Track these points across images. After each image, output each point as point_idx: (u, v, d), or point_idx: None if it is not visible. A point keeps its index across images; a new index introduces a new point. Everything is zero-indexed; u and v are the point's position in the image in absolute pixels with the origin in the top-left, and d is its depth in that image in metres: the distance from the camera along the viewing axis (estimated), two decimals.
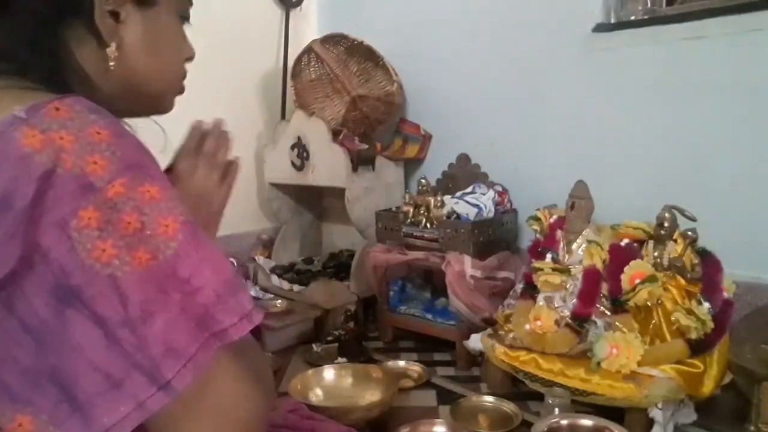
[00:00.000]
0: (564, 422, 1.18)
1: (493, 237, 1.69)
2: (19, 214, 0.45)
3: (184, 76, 0.71)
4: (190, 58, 0.72)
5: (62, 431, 0.47)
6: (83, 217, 0.46)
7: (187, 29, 0.71)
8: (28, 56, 0.55)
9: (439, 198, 1.72)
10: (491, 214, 1.70)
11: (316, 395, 1.39)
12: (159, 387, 0.47)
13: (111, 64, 0.59)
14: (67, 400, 0.46)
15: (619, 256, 1.33)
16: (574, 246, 1.42)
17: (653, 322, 1.28)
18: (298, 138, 2.04)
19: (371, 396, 1.38)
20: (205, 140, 0.80)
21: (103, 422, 0.46)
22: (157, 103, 0.67)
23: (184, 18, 0.70)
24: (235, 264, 2.01)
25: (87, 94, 0.53)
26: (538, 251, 1.47)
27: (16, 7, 0.56)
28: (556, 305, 1.37)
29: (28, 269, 0.46)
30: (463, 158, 1.92)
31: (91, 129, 0.48)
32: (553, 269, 1.39)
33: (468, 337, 1.56)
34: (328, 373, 1.45)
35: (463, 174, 1.91)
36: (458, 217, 1.69)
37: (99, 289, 0.46)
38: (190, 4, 0.71)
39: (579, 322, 1.31)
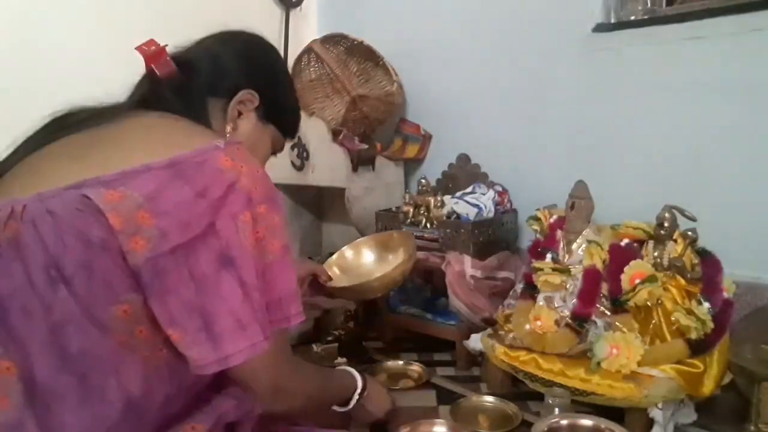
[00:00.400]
0: (564, 422, 1.18)
1: (493, 237, 1.69)
2: (211, 202, 0.70)
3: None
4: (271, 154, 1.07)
5: (197, 350, 0.69)
6: (246, 215, 0.72)
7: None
8: (188, 112, 0.85)
9: (439, 198, 1.72)
10: (491, 214, 1.71)
11: (334, 273, 1.56)
12: (265, 337, 0.72)
13: (227, 135, 0.91)
14: (206, 330, 0.69)
15: (619, 256, 1.33)
16: (574, 246, 1.42)
17: (653, 322, 1.28)
18: (298, 138, 2.04)
19: (395, 260, 1.54)
20: None
21: (227, 350, 0.69)
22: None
23: (274, 151, 1.06)
24: None
25: None
26: (538, 251, 1.47)
27: (190, 81, 0.89)
28: (556, 305, 1.37)
29: (203, 238, 0.69)
30: (463, 158, 1.92)
31: (254, 166, 0.76)
32: (553, 269, 1.39)
33: (468, 337, 1.56)
34: (348, 252, 1.65)
35: (463, 174, 1.91)
36: (458, 217, 1.69)
37: (247, 262, 0.71)
38: (281, 147, 1.06)
39: (579, 322, 1.31)
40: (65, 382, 0.66)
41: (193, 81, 0.89)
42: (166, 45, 0.90)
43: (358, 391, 1.13)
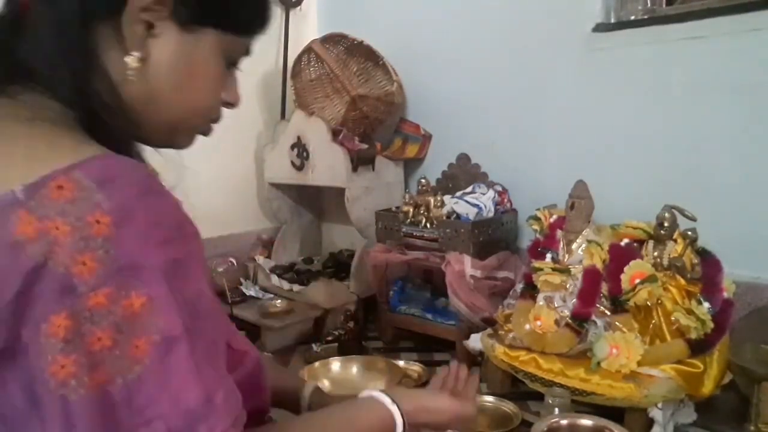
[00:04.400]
0: (564, 422, 1.18)
1: (493, 237, 1.69)
2: (4, 305, 0.42)
3: (213, 119, 0.65)
4: (231, 104, 0.66)
5: None
6: (53, 323, 0.42)
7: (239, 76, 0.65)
8: (51, 65, 0.51)
9: (439, 198, 1.72)
10: (491, 214, 1.71)
11: (324, 386, 1.43)
12: None
13: (129, 73, 0.54)
14: None
15: (619, 256, 1.33)
16: (574, 246, 1.42)
17: (653, 322, 1.28)
18: (298, 138, 2.04)
19: (375, 386, 1.40)
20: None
21: None
22: (172, 135, 0.61)
23: (231, 63, 0.64)
24: (235, 264, 2.01)
25: (113, 107, 0.52)
26: (538, 251, 1.47)
27: (40, 13, 0.52)
28: (556, 305, 1.37)
29: (9, 358, 0.44)
30: (463, 158, 1.92)
31: (90, 217, 0.43)
32: (553, 269, 1.39)
33: (468, 337, 1.56)
34: (335, 364, 1.52)
35: (463, 174, 1.91)
36: (458, 217, 1.69)
37: (49, 409, 0.43)
38: (245, 53, 0.65)
39: (579, 322, 1.31)
40: None
41: (45, 18, 0.52)
42: None
43: (399, 424, 0.69)
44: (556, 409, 1.22)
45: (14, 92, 0.52)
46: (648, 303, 1.27)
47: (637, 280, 1.27)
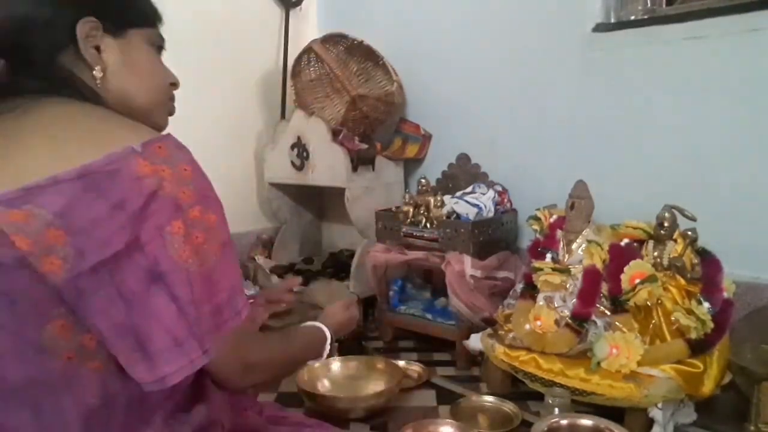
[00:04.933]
0: (564, 422, 1.18)
1: (493, 237, 1.69)
2: (130, 215, 0.62)
3: (171, 98, 0.87)
4: (175, 84, 0.87)
5: (133, 372, 0.65)
6: (175, 226, 0.65)
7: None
8: (41, 85, 0.72)
9: (439, 198, 1.72)
10: (491, 214, 1.71)
11: (324, 386, 1.46)
12: (204, 352, 0.68)
13: (98, 82, 0.75)
14: (140, 350, 0.64)
15: (619, 256, 1.33)
16: (574, 246, 1.42)
17: (653, 322, 1.28)
18: (298, 138, 2.04)
19: (375, 386, 1.42)
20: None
21: (164, 370, 0.65)
22: (149, 118, 0.80)
23: (160, 47, 0.85)
24: None
25: (101, 105, 0.74)
26: (538, 251, 1.47)
27: (27, 50, 0.73)
28: (556, 305, 1.37)
29: (127, 254, 0.63)
30: (463, 158, 1.92)
31: (180, 166, 0.67)
32: (553, 269, 1.39)
33: (468, 337, 1.56)
34: (335, 364, 1.52)
35: (463, 174, 1.91)
36: (458, 216, 1.69)
37: (179, 276, 0.65)
38: (160, 38, 0.85)
39: (579, 322, 1.31)
40: (16, 419, 0.65)
41: (24, 68, 0.73)
42: None
43: (328, 341, 1.09)
44: (556, 409, 1.22)
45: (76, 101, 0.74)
46: (648, 303, 1.27)
47: (637, 280, 1.27)
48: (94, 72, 0.75)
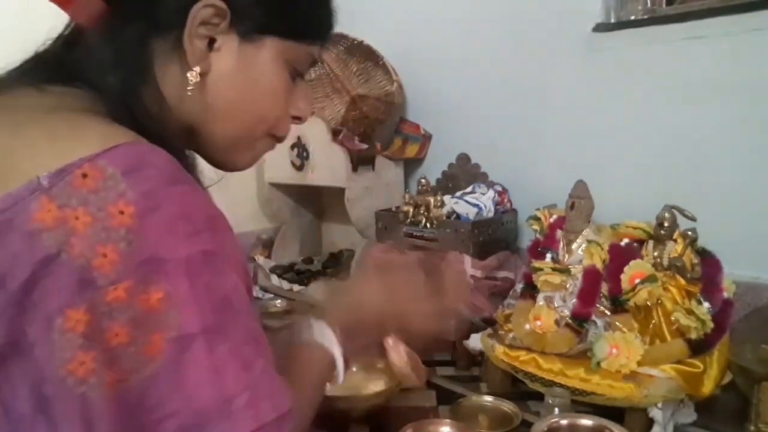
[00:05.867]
0: (564, 422, 1.18)
1: (493, 237, 1.69)
2: (9, 296, 0.40)
3: (279, 137, 0.64)
4: (299, 118, 0.65)
5: None
6: (70, 317, 0.40)
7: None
8: (100, 74, 0.50)
9: (439, 198, 1.72)
10: (491, 214, 1.70)
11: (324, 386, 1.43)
12: None
13: (189, 89, 0.54)
14: None
15: (619, 256, 1.33)
16: (574, 246, 1.42)
17: (653, 322, 1.28)
18: (298, 138, 2.04)
19: (375, 386, 1.41)
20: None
21: None
22: (231, 151, 0.61)
23: (298, 72, 0.62)
24: None
25: (157, 122, 0.51)
26: (538, 251, 1.47)
27: (112, 19, 0.51)
28: (556, 305, 1.37)
29: (16, 354, 0.41)
30: (463, 158, 1.92)
31: (113, 207, 0.42)
32: (553, 269, 1.39)
33: (468, 337, 1.56)
34: None
35: (463, 174, 1.91)
36: (458, 216, 1.69)
37: (65, 409, 0.41)
38: (312, 62, 0.62)
39: (579, 322, 1.31)
40: None
41: (126, 25, 0.52)
42: None
43: (337, 358, 0.76)
44: (556, 409, 1.22)
45: (46, 87, 0.51)
46: (648, 303, 1.27)
47: (637, 280, 1.26)
48: (188, 74, 0.54)
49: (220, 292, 0.47)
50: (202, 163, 0.64)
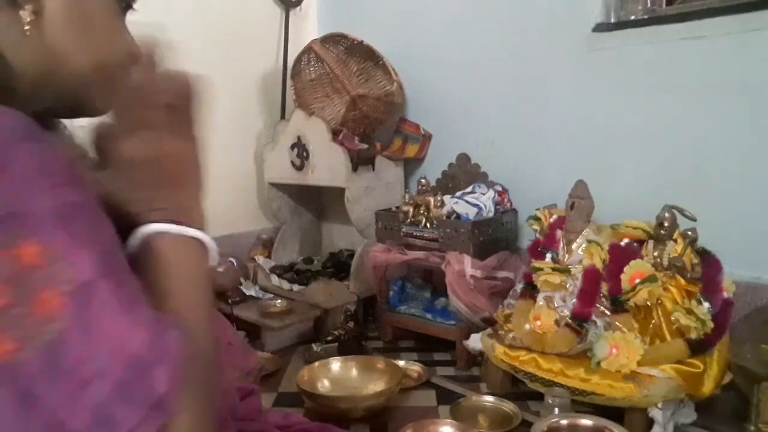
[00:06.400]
0: (564, 422, 1.18)
1: (493, 237, 1.69)
2: None
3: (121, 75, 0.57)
4: (133, 57, 0.57)
5: None
6: None
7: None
8: None
9: (439, 198, 1.72)
10: (491, 214, 1.70)
11: (324, 385, 1.46)
12: None
13: (26, 28, 0.49)
14: None
15: (619, 256, 1.33)
16: (574, 246, 1.42)
17: (653, 321, 1.28)
18: (298, 138, 2.04)
19: (375, 386, 1.42)
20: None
21: None
22: (83, 97, 0.55)
23: (127, 6, 0.58)
24: (235, 264, 2.01)
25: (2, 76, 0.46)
26: (538, 251, 1.47)
27: None
28: (556, 305, 1.37)
29: None
30: (463, 158, 1.92)
31: None
32: (553, 269, 1.39)
33: (468, 337, 1.56)
34: (335, 364, 1.52)
35: (463, 174, 1.91)
36: (458, 216, 1.69)
37: None
38: None
39: (579, 322, 1.31)
40: None
41: None
42: None
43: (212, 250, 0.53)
44: (556, 409, 1.22)
45: None
46: (648, 303, 1.27)
47: (637, 280, 1.27)
48: (21, 12, 0.49)
49: (103, 238, 0.43)
50: None
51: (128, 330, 0.40)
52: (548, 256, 1.44)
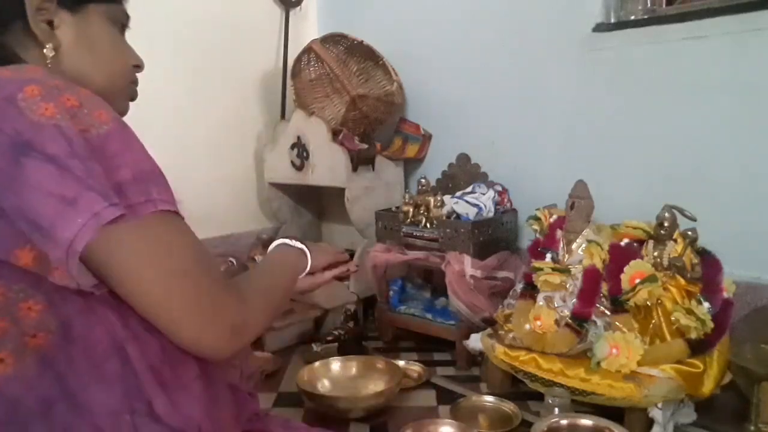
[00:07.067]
0: (564, 422, 1.18)
1: (493, 237, 1.69)
2: None
3: (133, 81, 0.79)
4: (138, 66, 0.79)
5: (48, 253, 0.56)
6: (28, 90, 0.57)
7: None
8: None
9: (439, 198, 1.72)
10: (491, 214, 1.70)
11: (324, 386, 1.45)
12: (110, 203, 0.56)
13: (48, 62, 0.68)
14: (37, 229, 0.55)
15: (619, 256, 1.33)
16: (574, 246, 1.42)
17: (653, 321, 1.28)
18: (298, 138, 2.04)
19: (375, 386, 1.42)
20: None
21: (65, 235, 0.55)
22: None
23: (123, 26, 0.78)
24: (235, 264, 2.01)
25: None
26: (538, 251, 1.47)
27: None
28: (556, 305, 1.37)
29: None
30: (463, 158, 1.92)
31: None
32: (553, 269, 1.39)
33: (468, 337, 1.56)
34: (335, 364, 1.51)
35: (463, 174, 1.91)
36: (458, 216, 1.69)
37: (47, 132, 0.56)
38: (124, 15, 0.77)
39: (579, 322, 1.31)
40: None
41: None
42: None
43: (309, 259, 0.94)
44: (556, 409, 1.22)
45: None
46: (648, 303, 1.27)
47: (637, 280, 1.27)
48: (44, 50, 0.68)
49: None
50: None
51: (145, 157, 0.63)
52: (548, 256, 1.44)
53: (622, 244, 1.37)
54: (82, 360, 0.59)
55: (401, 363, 1.60)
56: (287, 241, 0.96)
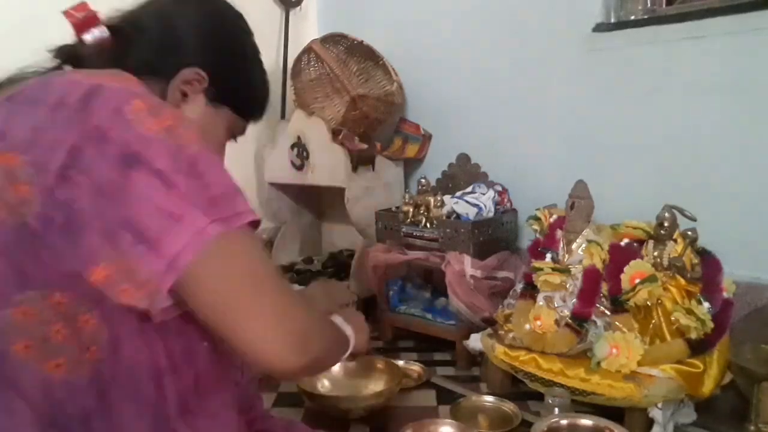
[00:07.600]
0: (564, 422, 1.18)
1: (493, 237, 1.69)
2: (74, 106, 0.59)
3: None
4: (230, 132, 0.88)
5: (142, 267, 0.57)
6: (135, 104, 0.60)
7: None
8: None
9: (439, 198, 1.72)
10: (491, 214, 1.70)
11: (324, 385, 1.45)
12: (212, 220, 0.59)
13: None
14: (142, 241, 0.57)
15: (619, 256, 1.33)
16: (574, 246, 1.42)
17: (653, 321, 1.28)
18: (298, 138, 2.04)
19: (375, 386, 1.41)
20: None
21: (171, 249, 0.57)
22: None
23: (233, 136, 0.88)
24: None
25: None
26: (538, 251, 1.47)
27: (124, 56, 0.73)
28: (556, 305, 1.37)
29: (87, 144, 0.58)
30: (463, 158, 1.92)
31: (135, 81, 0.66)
32: (553, 269, 1.39)
33: (468, 337, 1.56)
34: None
35: (463, 174, 1.91)
36: (458, 216, 1.69)
37: (154, 148, 0.59)
38: (242, 131, 0.89)
39: (579, 321, 1.31)
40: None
41: (128, 57, 0.74)
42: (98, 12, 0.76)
43: (352, 340, 0.92)
44: (556, 409, 1.22)
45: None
46: (648, 303, 1.27)
47: (637, 280, 1.27)
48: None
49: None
50: None
51: (227, 177, 0.66)
52: (548, 256, 1.44)
53: (622, 244, 1.37)
54: (123, 379, 0.61)
55: (401, 363, 1.60)
56: (337, 320, 0.92)
